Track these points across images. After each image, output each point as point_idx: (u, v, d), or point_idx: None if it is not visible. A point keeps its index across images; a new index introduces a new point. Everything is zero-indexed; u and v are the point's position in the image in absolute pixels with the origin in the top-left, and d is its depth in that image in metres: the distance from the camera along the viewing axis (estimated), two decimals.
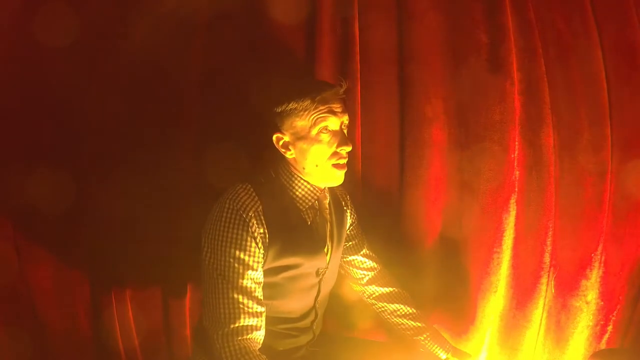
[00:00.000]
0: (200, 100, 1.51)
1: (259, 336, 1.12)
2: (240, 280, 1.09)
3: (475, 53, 1.51)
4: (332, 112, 1.14)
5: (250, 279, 1.11)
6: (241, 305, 1.08)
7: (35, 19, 1.39)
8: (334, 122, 1.15)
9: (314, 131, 1.14)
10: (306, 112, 1.12)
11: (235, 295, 1.08)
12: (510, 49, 1.49)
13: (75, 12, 1.39)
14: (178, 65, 1.48)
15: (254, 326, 1.10)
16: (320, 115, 1.13)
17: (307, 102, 1.12)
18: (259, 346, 1.12)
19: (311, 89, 1.14)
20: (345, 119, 1.19)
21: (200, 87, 1.50)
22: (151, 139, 1.49)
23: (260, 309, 1.12)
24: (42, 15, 1.38)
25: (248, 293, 1.10)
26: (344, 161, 1.18)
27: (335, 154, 1.17)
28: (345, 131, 1.20)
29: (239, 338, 1.07)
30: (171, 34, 1.45)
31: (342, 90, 1.18)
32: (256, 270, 1.12)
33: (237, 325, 1.08)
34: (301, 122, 1.14)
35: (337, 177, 1.20)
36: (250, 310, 1.09)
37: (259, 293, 1.13)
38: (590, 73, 1.48)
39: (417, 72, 1.52)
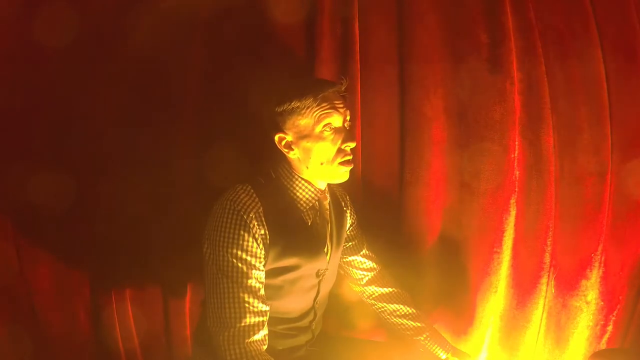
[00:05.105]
0: (200, 100, 1.51)
1: (264, 335, 1.12)
2: (244, 280, 1.09)
3: (475, 53, 1.51)
4: (335, 109, 1.14)
5: (254, 278, 1.11)
6: (246, 305, 1.09)
7: (35, 19, 1.39)
8: (337, 119, 1.15)
9: (318, 128, 1.13)
10: (309, 110, 1.12)
11: (240, 295, 1.08)
12: (510, 49, 1.49)
13: (75, 12, 1.39)
14: (178, 66, 1.48)
15: (259, 325, 1.10)
16: (324, 112, 1.12)
17: (310, 100, 1.11)
18: (265, 346, 1.12)
19: (313, 87, 1.14)
20: (348, 116, 1.19)
21: (200, 87, 1.50)
22: (151, 139, 1.49)
23: (264, 307, 1.12)
24: (42, 15, 1.38)
25: (253, 292, 1.10)
26: (349, 157, 1.18)
27: (340, 151, 1.16)
28: (348, 128, 1.20)
29: (246, 341, 1.07)
30: (171, 34, 1.45)
31: (343, 88, 1.18)
32: (259, 269, 1.12)
33: (242, 324, 1.08)
34: (304, 120, 1.13)
35: (342, 174, 1.20)
36: (255, 309, 1.10)
37: (262, 292, 1.13)
38: (590, 73, 1.48)
39: (417, 72, 1.52)
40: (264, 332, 1.11)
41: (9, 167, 1.43)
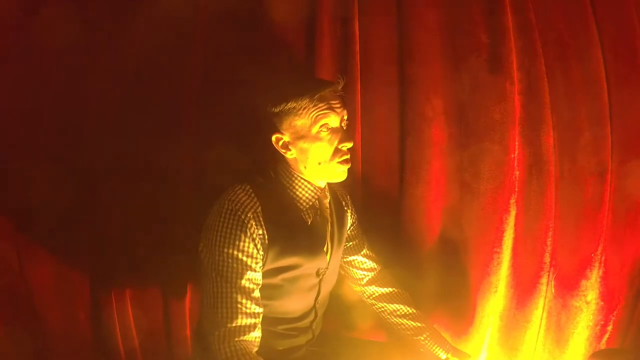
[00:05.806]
0: (200, 101, 1.51)
1: (256, 337, 1.11)
2: (239, 280, 1.09)
3: (475, 53, 1.51)
4: (332, 109, 1.13)
5: (249, 279, 1.10)
6: (239, 305, 1.08)
7: (35, 19, 1.39)
8: (334, 119, 1.15)
9: (315, 129, 1.13)
10: (305, 111, 1.12)
11: (234, 295, 1.08)
12: (510, 49, 1.49)
13: (75, 12, 1.39)
14: (178, 66, 1.48)
15: (251, 326, 1.10)
16: (320, 113, 1.12)
17: (306, 101, 1.11)
18: (256, 348, 1.11)
19: (309, 87, 1.13)
20: (345, 115, 1.18)
21: (200, 87, 1.50)
22: (151, 139, 1.49)
23: (257, 309, 1.12)
24: (42, 15, 1.38)
25: (246, 293, 1.10)
26: (347, 157, 1.18)
27: (337, 151, 1.16)
28: (345, 127, 1.19)
29: (236, 339, 1.07)
30: (171, 35, 1.45)
31: (340, 87, 1.18)
32: (255, 271, 1.12)
33: (234, 324, 1.07)
34: (301, 121, 1.13)
35: (341, 173, 1.20)
36: (247, 310, 1.09)
37: (257, 294, 1.13)
38: (590, 73, 1.48)
39: (417, 72, 1.52)
40: (255, 334, 1.11)
41: (9, 167, 1.44)
